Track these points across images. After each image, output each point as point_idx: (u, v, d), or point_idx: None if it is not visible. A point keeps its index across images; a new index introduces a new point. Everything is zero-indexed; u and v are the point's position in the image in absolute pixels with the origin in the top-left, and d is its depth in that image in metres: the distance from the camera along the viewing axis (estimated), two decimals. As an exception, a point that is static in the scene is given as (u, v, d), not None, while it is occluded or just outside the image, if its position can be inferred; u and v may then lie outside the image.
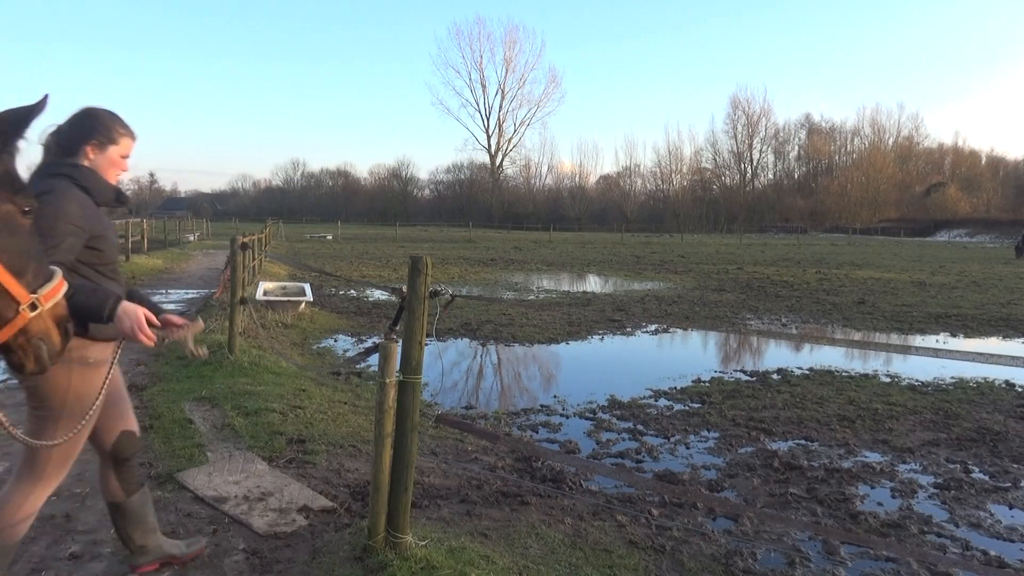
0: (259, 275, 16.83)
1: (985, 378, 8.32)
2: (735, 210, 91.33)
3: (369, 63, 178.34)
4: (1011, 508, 4.68)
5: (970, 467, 5.42)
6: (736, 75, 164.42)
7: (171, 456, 4.88)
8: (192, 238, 41.33)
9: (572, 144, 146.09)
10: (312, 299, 12.92)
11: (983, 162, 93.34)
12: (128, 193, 3.11)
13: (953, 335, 12.03)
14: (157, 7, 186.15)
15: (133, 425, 3.07)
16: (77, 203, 2.55)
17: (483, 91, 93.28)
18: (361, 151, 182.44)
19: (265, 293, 12.75)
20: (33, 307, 1.71)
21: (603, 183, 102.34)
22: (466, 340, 10.68)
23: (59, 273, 1.82)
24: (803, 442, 5.99)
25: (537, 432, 6.15)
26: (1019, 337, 11.86)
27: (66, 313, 1.86)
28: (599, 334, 11.44)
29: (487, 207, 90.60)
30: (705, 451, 5.72)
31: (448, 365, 9.01)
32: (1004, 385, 8.11)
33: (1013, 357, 2.63)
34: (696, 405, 7.10)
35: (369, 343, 10.18)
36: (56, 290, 1.79)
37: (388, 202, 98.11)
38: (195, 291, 15.68)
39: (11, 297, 1.67)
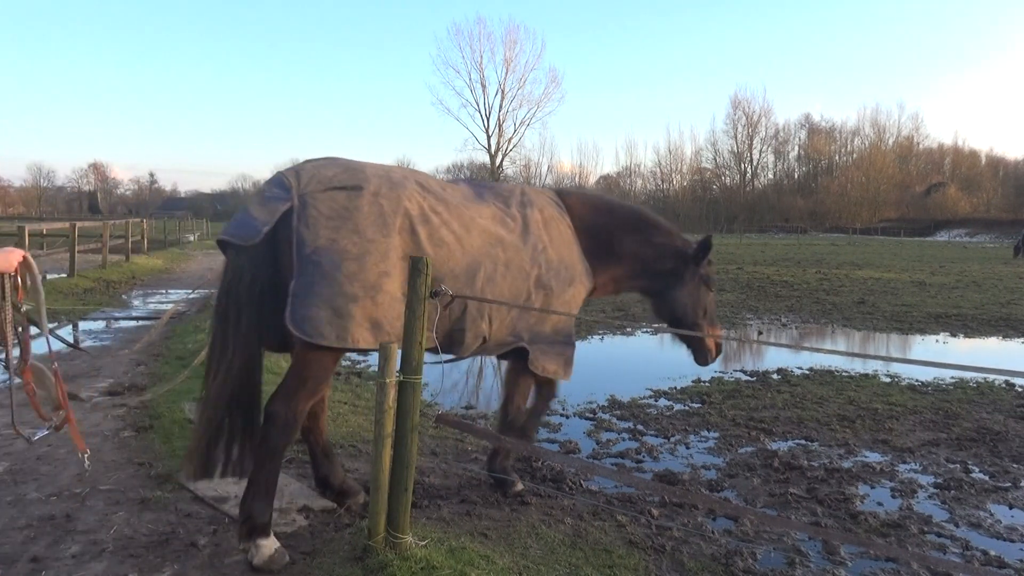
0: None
1: (985, 378, 8.32)
2: (735, 210, 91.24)
3: (369, 63, 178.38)
4: (1011, 508, 4.68)
5: (970, 467, 5.42)
6: (736, 75, 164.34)
7: (171, 456, 4.88)
8: (192, 238, 41.34)
9: (572, 144, 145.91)
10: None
11: (983, 162, 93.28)
12: (128, 193, 3.28)
13: (953, 335, 12.03)
14: (157, 7, 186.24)
15: None
16: None
17: (483, 91, 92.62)
18: (361, 151, 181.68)
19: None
20: None
21: (603, 183, 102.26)
22: (466, 340, 10.67)
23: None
24: (803, 442, 5.99)
25: (537, 432, 6.15)
26: (1019, 337, 11.86)
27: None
28: (599, 334, 11.44)
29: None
30: (705, 451, 5.72)
31: (448, 365, 9.00)
32: (1004, 385, 8.11)
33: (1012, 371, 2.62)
34: (696, 405, 7.10)
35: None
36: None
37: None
38: (195, 291, 15.66)
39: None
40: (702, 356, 4.79)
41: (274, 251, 3.41)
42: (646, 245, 4.63)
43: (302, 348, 3.42)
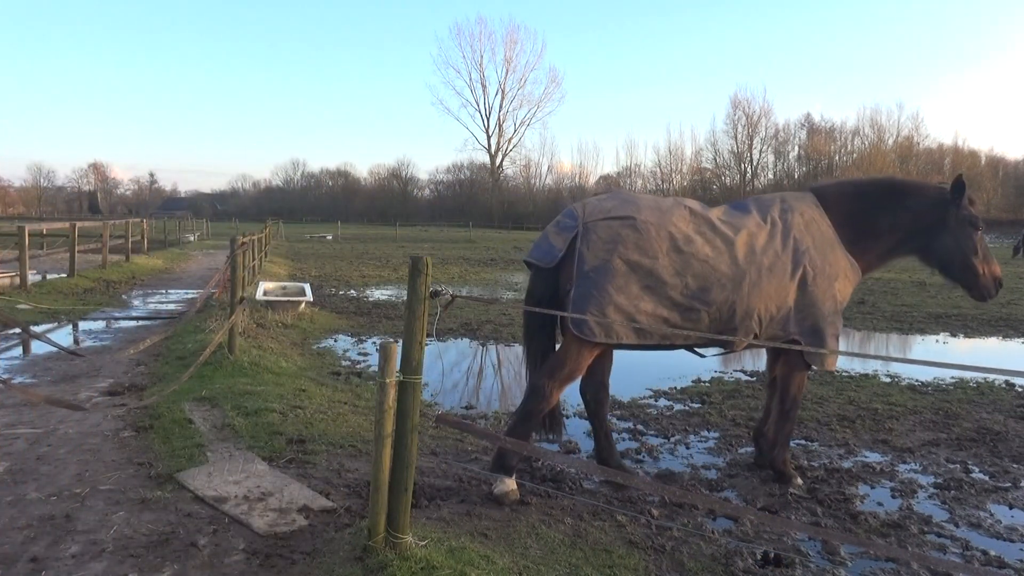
0: (259, 275, 16.83)
1: (985, 378, 8.32)
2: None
3: (369, 63, 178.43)
4: (1011, 508, 4.68)
5: (970, 467, 5.42)
6: (736, 75, 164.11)
7: (171, 456, 4.88)
8: (192, 238, 41.35)
9: (572, 144, 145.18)
10: (312, 299, 12.93)
11: (983, 162, 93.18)
12: (128, 193, 3.26)
13: (953, 335, 12.03)
14: (157, 7, 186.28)
15: None
16: None
17: (483, 91, 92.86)
18: (361, 151, 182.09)
19: (265, 293, 12.75)
20: None
21: (603, 183, 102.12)
22: (466, 340, 10.67)
23: None
24: (803, 442, 5.99)
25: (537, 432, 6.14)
26: (1019, 337, 11.86)
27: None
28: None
29: (487, 207, 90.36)
30: (705, 451, 5.72)
31: (448, 365, 8.99)
32: (1004, 385, 8.11)
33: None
34: (696, 405, 7.10)
35: (369, 343, 10.17)
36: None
37: (388, 202, 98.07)
38: (195, 291, 15.67)
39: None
40: (978, 293, 4.95)
41: (562, 267, 4.42)
42: (902, 212, 4.88)
43: (569, 341, 4.41)
